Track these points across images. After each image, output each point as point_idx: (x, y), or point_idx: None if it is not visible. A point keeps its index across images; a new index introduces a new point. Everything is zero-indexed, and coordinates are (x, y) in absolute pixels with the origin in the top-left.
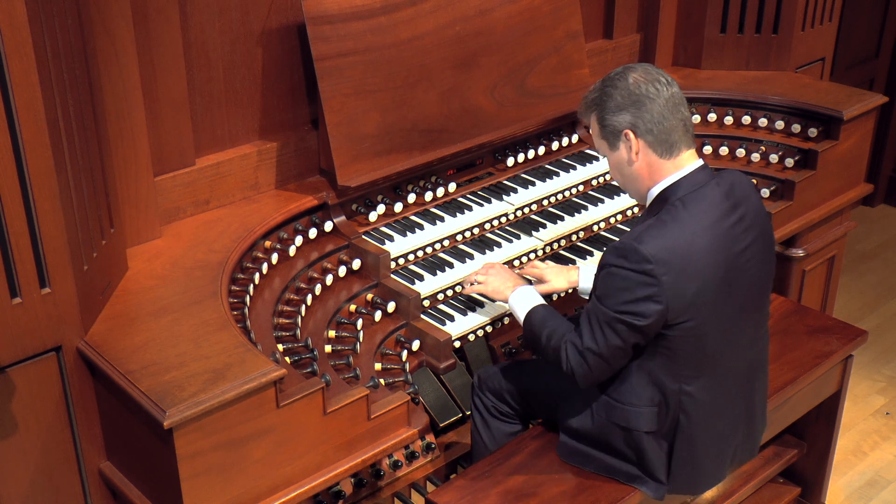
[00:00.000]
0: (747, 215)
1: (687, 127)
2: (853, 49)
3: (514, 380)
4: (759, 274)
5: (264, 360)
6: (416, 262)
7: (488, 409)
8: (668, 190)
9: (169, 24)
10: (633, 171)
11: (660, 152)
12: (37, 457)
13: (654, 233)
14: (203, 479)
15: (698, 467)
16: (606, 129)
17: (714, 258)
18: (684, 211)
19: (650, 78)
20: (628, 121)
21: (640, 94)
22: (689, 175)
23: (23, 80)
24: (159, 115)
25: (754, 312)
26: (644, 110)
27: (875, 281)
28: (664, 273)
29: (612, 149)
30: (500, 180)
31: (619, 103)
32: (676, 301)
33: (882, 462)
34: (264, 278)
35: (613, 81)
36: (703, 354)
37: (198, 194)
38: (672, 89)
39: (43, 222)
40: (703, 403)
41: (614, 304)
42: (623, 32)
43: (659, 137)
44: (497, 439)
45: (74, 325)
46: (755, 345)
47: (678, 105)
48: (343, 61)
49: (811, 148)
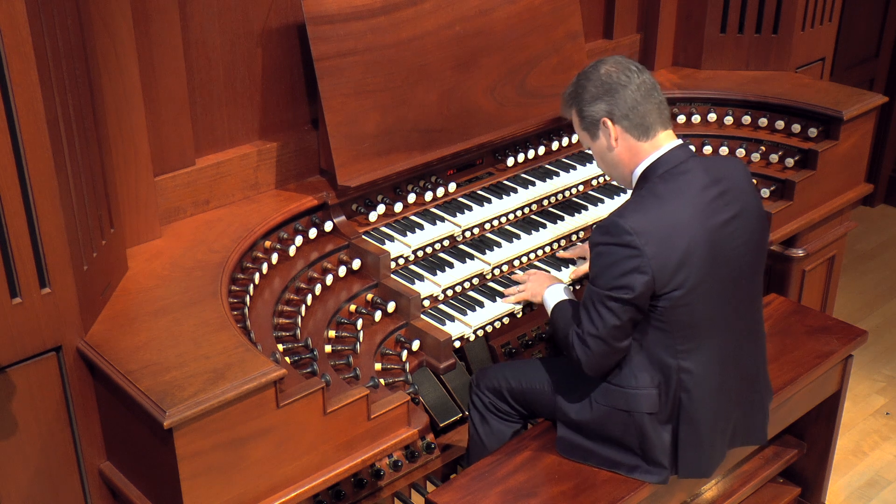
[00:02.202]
0: (729, 191)
1: (661, 109)
2: (853, 49)
3: (513, 378)
4: (746, 247)
5: (264, 360)
6: (416, 262)
7: (487, 407)
8: (649, 169)
9: (169, 24)
10: (614, 157)
11: (636, 135)
12: (37, 457)
13: (633, 207)
14: (203, 479)
15: (704, 447)
16: (585, 120)
17: (696, 228)
18: (663, 185)
19: (620, 67)
20: (604, 109)
21: (613, 83)
22: (668, 153)
23: (23, 80)
24: (159, 115)
25: (744, 283)
26: (618, 97)
27: (875, 281)
28: (646, 243)
29: (593, 139)
30: (500, 180)
31: (594, 94)
32: (661, 270)
33: (882, 462)
34: (264, 278)
35: (587, 74)
36: (696, 325)
37: (198, 194)
38: (643, 76)
39: (43, 222)
40: (702, 379)
41: (605, 283)
42: (623, 32)
43: (634, 121)
44: (495, 438)
45: (74, 325)
46: (749, 316)
47: (650, 90)
48: (343, 61)
49: (811, 148)
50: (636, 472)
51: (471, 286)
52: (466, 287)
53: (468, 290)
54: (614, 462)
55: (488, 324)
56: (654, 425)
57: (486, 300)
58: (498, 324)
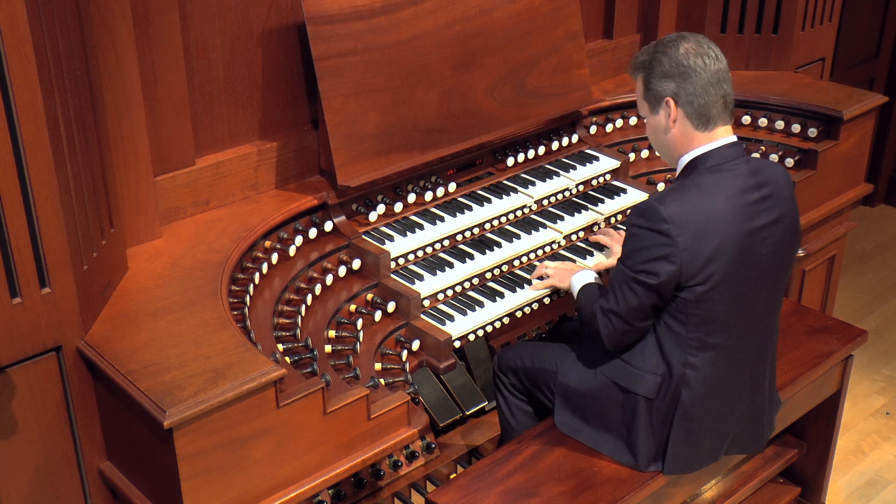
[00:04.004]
0: (772, 196)
1: (727, 103)
2: (853, 49)
3: (527, 357)
4: (775, 256)
5: (264, 360)
6: (416, 262)
7: (507, 387)
8: (698, 159)
9: (169, 24)
10: (668, 138)
11: (696, 124)
12: (37, 457)
13: (675, 195)
14: (203, 479)
15: (694, 446)
16: (650, 92)
17: (730, 228)
18: (708, 178)
19: (700, 51)
20: (672, 89)
21: (688, 66)
22: (720, 148)
23: (23, 80)
24: (159, 115)
25: (766, 292)
26: (689, 82)
27: (875, 281)
28: (679, 234)
29: (652, 112)
30: (500, 180)
31: (667, 71)
32: (689, 263)
33: (882, 462)
34: (264, 278)
35: (665, 48)
36: (710, 323)
37: (198, 194)
38: (719, 65)
39: (43, 222)
40: (706, 378)
41: (633, 265)
42: (623, 32)
43: (698, 110)
44: (520, 419)
45: (74, 325)
46: (765, 326)
47: (722, 81)
48: (343, 61)
49: (811, 148)
50: (616, 454)
51: (471, 286)
52: (466, 287)
53: (468, 290)
54: (599, 440)
55: (488, 323)
56: (647, 411)
57: (486, 300)
58: (498, 324)
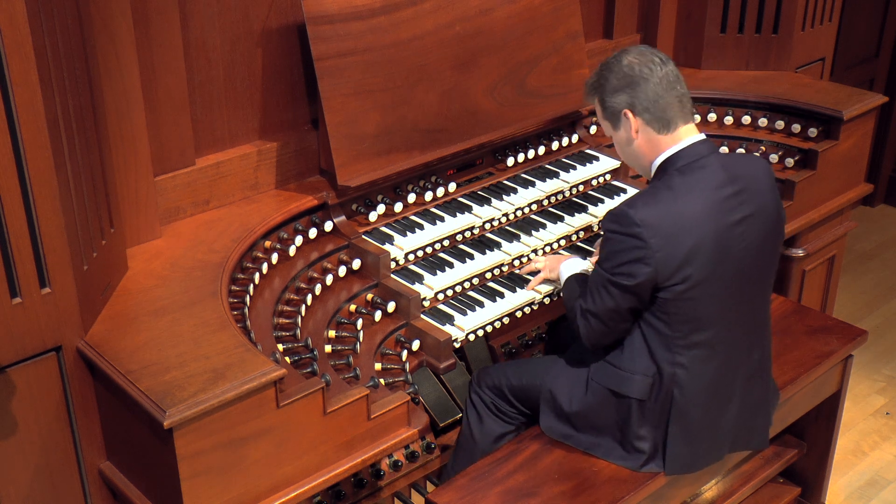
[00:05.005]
0: (745, 190)
1: (683, 103)
2: (853, 49)
3: (514, 376)
4: (756, 249)
5: (264, 360)
6: (416, 262)
7: (487, 406)
8: (668, 161)
9: (169, 24)
10: (635, 149)
11: (657, 128)
12: (37, 457)
13: (646, 199)
14: (203, 479)
15: (693, 445)
16: (607, 110)
17: (706, 225)
18: (679, 179)
19: (644, 59)
20: (626, 101)
21: (635, 76)
22: (689, 147)
23: (23, 80)
24: (159, 115)
25: (750, 286)
26: (639, 90)
27: (875, 281)
28: (652, 237)
29: (615, 128)
30: (500, 180)
31: (616, 85)
32: (665, 264)
33: (882, 462)
34: (264, 278)
35: (609, 65)
36: (696, 321)
37: (198, 194)
38: (666, 68)
39: (43, 222)
40: (697, 377)
41: (610, 268)
42: (623, 32)
43: (656, 115)
44: (488, 438)
45: (74, 325)
46: (753, 320)
47: (673, 83)
48: (343, 61)
49: (811, 148)
50: (611, 456)
51: (471, 286)
52: (466, 287)
53: (468, 290)
54: (591, 444)
55: (488, 324)
56: (640, 413)
57: (486, 300)
58: (498, 324)
